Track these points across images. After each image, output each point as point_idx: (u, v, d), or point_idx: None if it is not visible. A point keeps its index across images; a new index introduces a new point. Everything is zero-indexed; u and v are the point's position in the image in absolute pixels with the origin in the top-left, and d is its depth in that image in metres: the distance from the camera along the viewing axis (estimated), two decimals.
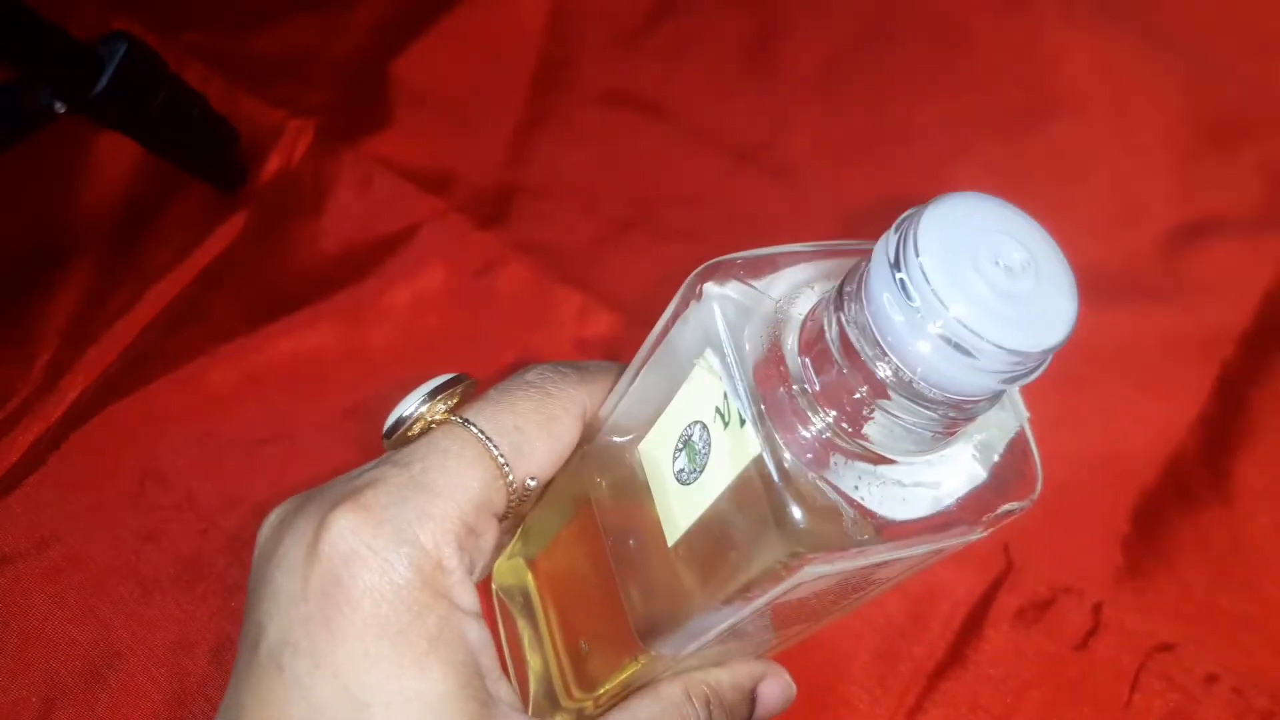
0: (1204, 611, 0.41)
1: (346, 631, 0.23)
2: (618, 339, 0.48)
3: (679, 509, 0.23)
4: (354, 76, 0.57)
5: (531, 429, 0.26)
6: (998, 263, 0.18)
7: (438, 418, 0.26)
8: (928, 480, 0.22)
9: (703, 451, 0.23)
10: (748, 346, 0.22)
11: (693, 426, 0.23)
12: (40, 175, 0.55)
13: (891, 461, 0.21)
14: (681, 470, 0.23)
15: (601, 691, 0.29)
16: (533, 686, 0.32)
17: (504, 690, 0.25)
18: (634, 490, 0.25)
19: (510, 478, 0.26)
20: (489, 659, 0.25)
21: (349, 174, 0.53)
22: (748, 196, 0.51)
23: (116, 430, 0.46)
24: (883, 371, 0.19)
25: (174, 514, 0.44)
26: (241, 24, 0.59)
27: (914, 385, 0.19)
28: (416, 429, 0.26)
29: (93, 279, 0.52)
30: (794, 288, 0.23)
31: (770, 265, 0.23)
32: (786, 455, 0.20)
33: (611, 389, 0.27)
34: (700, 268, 0.23)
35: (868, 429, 0.20)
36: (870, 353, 0.19)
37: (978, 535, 0.23)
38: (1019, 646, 0.40)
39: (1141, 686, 0.40)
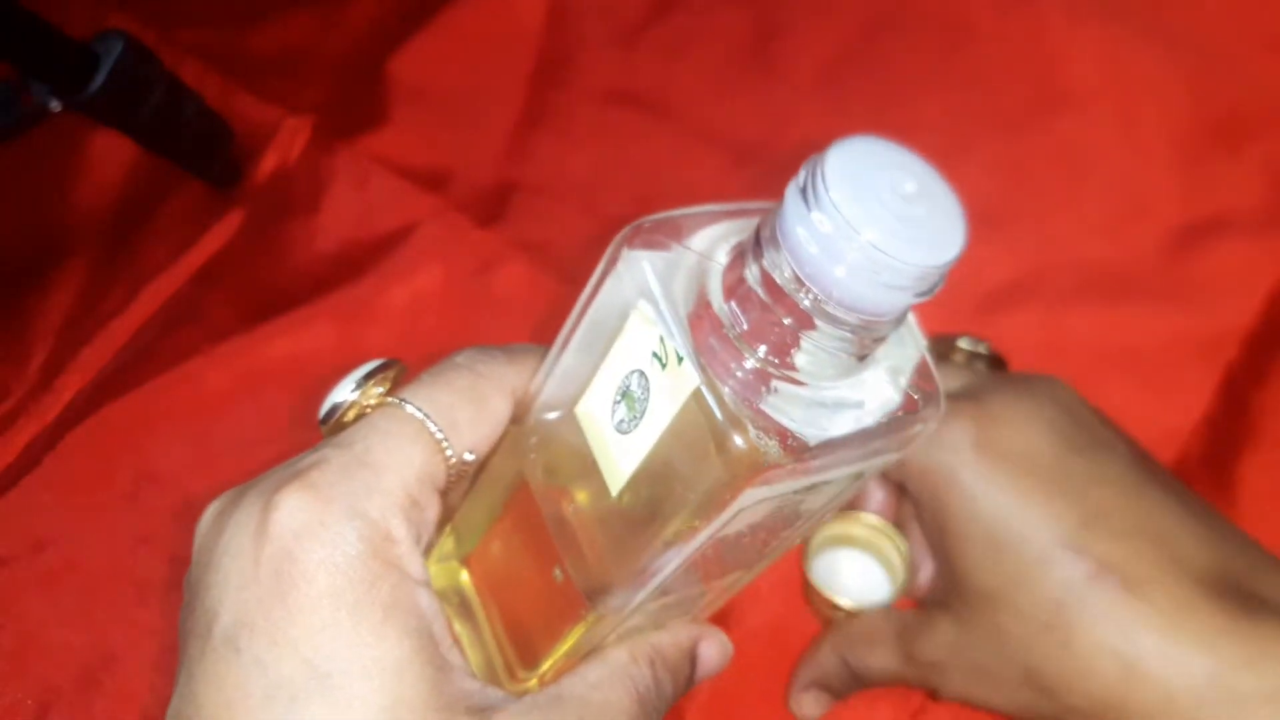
0: None
1: (303, 605, 0.23)
2: None
3: (620, 458, 0.25)
4: (351, 74, 0.56)
5: (466, 406, 0.27)
6: (894, 192, 0.21)
7: (372, 402, 0.27)
8: (850, 400, 0.24)
9: (641, 398, 0.24)
10: (678, 295, 0.23)
11: (630, 377, 0.24)
12: (35, 173, 0.55)
13: (815, 386, 0.23)
14: (621, 421, 0.25)
15: (546, 666, 0.29)
16: None
17: (455, 657, 0.25)
18: (572, 457, 0.27)
19: (449, 452, 0.26)
20: (440, 627, 0.25)
21: (346, 172, 0.53)
22: (748, 195, 0.51)
23: (112, 431, 0.46)
24: (803, 301, 0.21)
25: (169, 517, 0.43)
26: (238, 22, 0.58)
27: (831, 309, 0.21)
28: (352, 414, 0.27)
29: (88, 278, 0.52)
30: (712, 242, 0.25)
31: (688, 226, 0.25)
32: (723, 387, 0.22)
33: (537, 368, 0.28)
34: (622, 233, 0.25)
35: (793, 358, 0.23)
36: (790, 285, 0.21)
37: (894, 456, 0.25)
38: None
39: None
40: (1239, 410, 0.44)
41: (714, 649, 0.31)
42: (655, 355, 0.24)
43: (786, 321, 0.22)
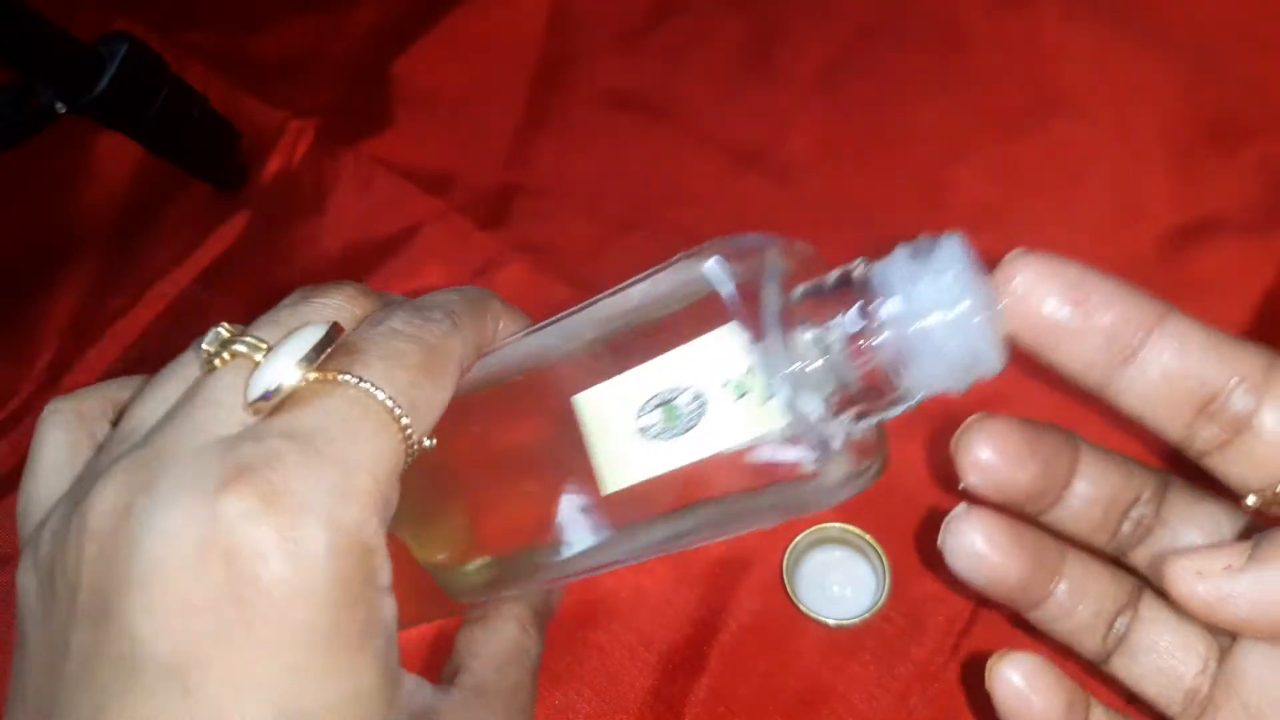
0: None
1: (273, 641, 0.20)
2: None
3: (634, 460, 0.25)
4: (355, 77, 0.57)
5: (425, 384, 0.24)
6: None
7: (312, 376, 0.23)
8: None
9: (690, 414, 0.24)
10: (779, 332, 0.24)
11: (678, 391, 0.24)
12: (41, 175, 0.55)
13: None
14: (650, 427, 0.25)
15: (473, 565, 0.29)
16: None
17: (397, 655, 0.24)
18: (548, 436, 0.27)
19: (412, 440, 0.23)
20: (394, 629, 0.23)
21: (350, 174, 0.53)
22: (748, 197, 0.51)
23: None
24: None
25: None
26: (242, 25, 0.59)
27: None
28: (295, 391, 0.23)
29: (94, 279, 0.52)
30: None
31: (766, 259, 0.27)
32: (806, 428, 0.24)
33: (482, 334, 0.27)
34: (708, 252, 0.27)
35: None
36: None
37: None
38: (1018, 649, 0.40)
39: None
40: None
41: (559, 593, 0.31)
42: (732, 383, 0.24)
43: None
